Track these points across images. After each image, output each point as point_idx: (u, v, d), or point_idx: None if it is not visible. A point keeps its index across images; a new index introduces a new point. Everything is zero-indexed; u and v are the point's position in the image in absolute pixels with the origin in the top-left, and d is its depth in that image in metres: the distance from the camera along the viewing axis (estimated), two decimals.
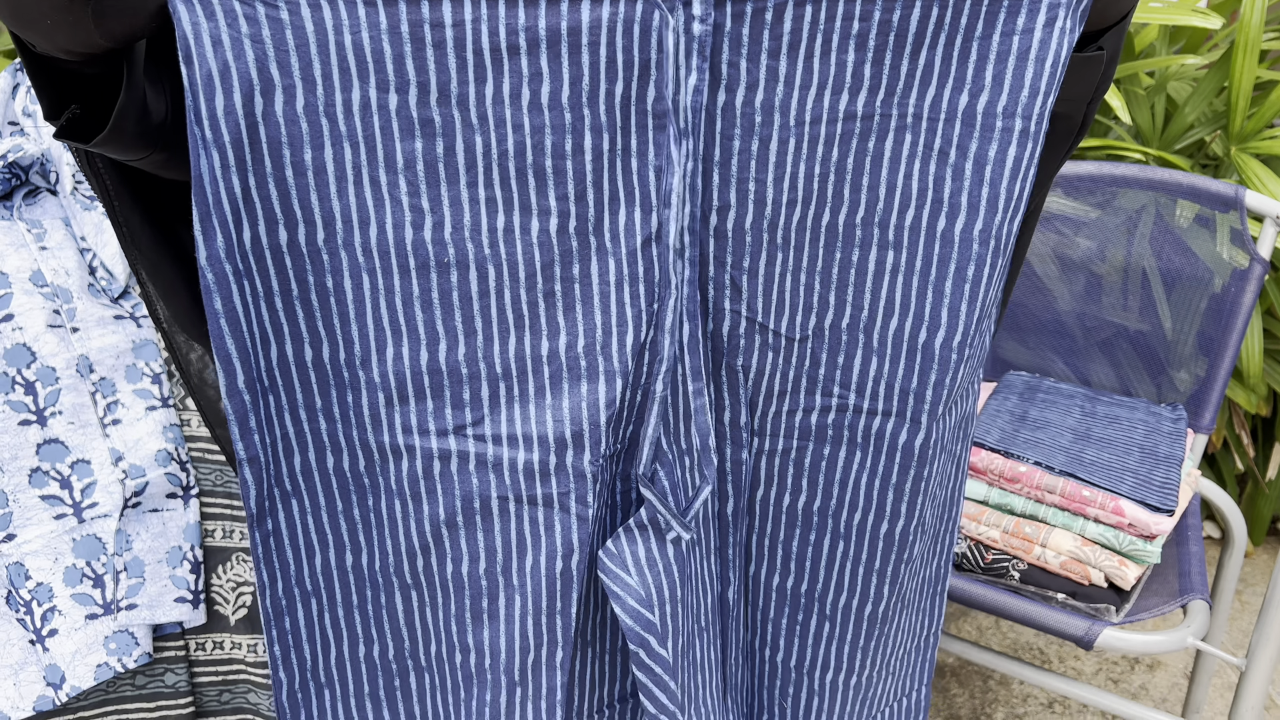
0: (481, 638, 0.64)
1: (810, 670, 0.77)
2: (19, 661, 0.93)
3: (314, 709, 0.67)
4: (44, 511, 0.94)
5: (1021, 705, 1.61)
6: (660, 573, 0.62)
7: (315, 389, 0.58)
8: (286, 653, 0.64)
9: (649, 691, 0.64)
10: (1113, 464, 1.11)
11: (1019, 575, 1.07)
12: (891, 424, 0.66)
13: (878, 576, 0.72)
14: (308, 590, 0.63)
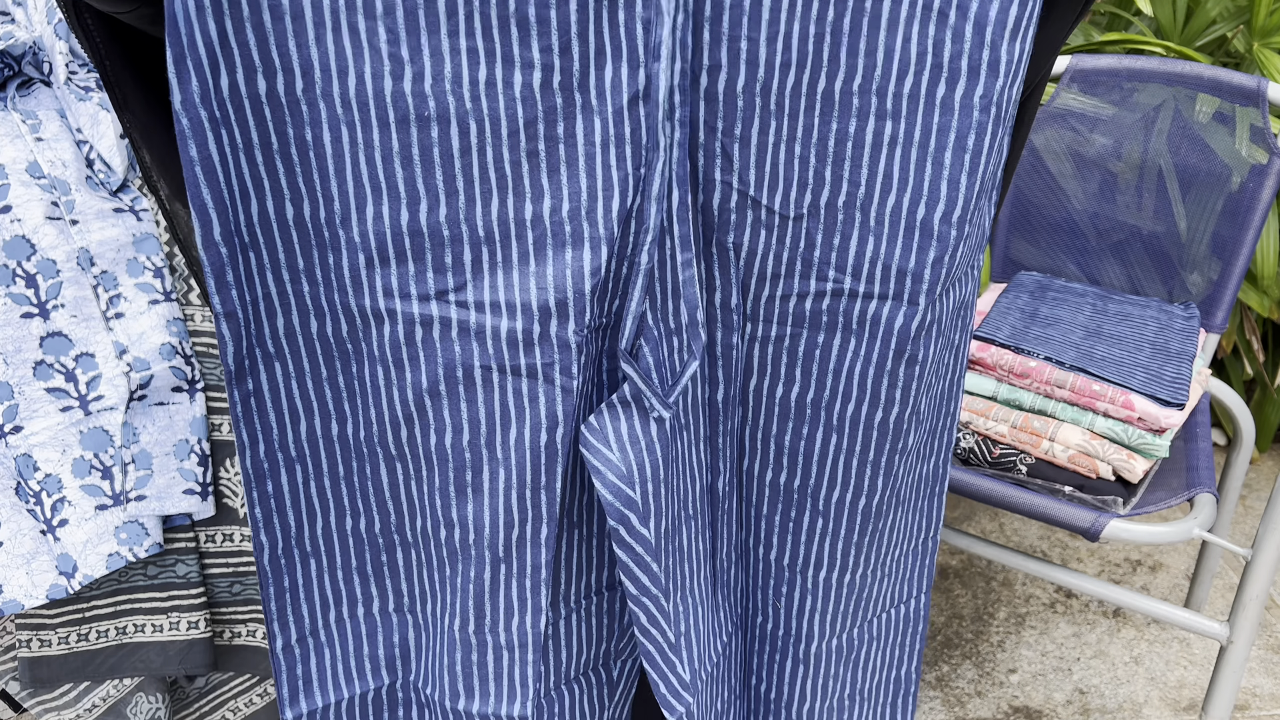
0: (465, 512, 0.63)
1: (804, 568, 0.76)
2: (31, 551, 0.94)
3: (298, 576, 0.67)
4: (50, 404, 0.93)
5: (1024, 605, 1.63)
6: (643, 451, 0.61)
7: (297, 248, 0.57)
8: (269, 516, 0.63)
9: (630, 572, 0.63)
10: (1123, 359, 1.10)
11: (1026, 469, 1.07)
12: (888, 307, 0.64)
13: (871, 468, 0.70)
14: (291, 456, 0.63)
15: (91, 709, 1.03)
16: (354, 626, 0.70)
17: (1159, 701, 1.45)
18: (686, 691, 0.70)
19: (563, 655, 0.74)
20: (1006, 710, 1.43)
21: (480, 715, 0.70)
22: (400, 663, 0.72)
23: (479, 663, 0.68)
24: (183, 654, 1.03)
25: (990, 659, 1.52)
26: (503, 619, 0.66)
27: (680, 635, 0.69)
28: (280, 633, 0.67)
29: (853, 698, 0.86)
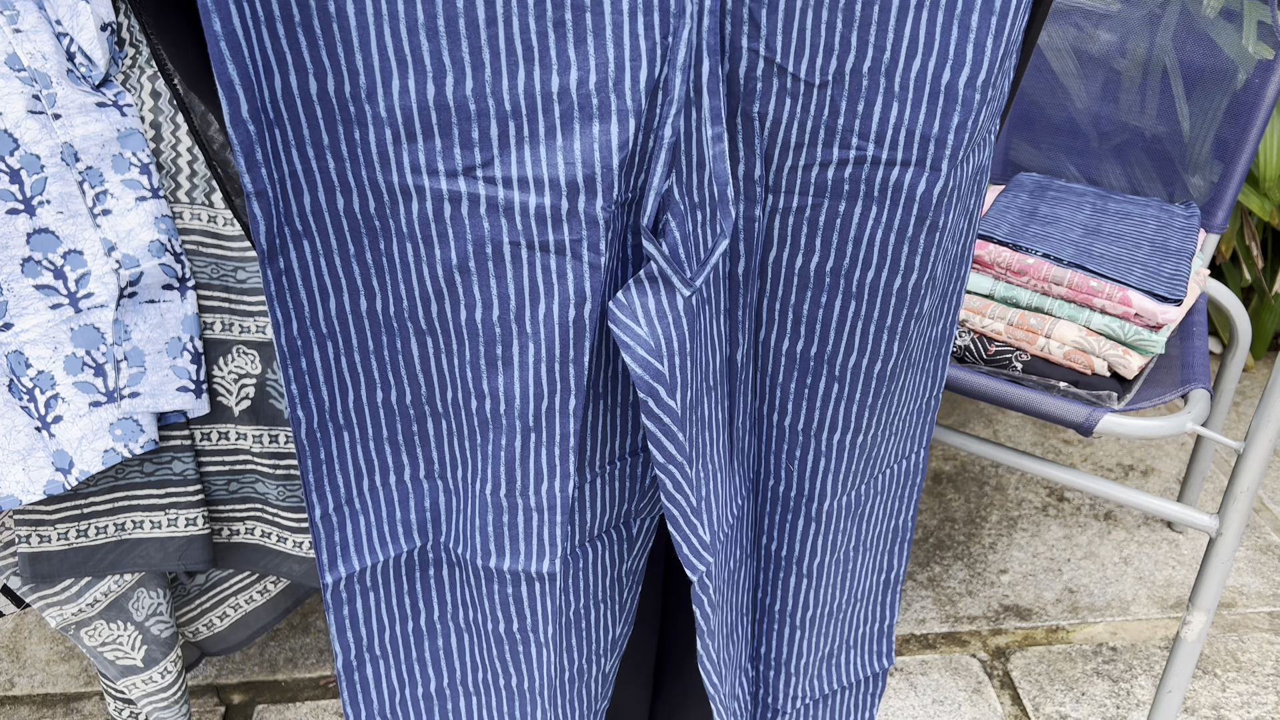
0: (496, 384, 0.64)
1: (818, 432, 0.78)
2: (26, 447, 0.94)
3: (333, 448, 0.68)
4: (39, 301, 0.93)
5: (1016, 509, 1.65)
6: (670, 325, 0.62)
7: (322, 124, 0.56)
8: (304, 392, 0.65)
9: (657, 441, 0.65)
10: (1122, 257, 1.10)
11: (1021, 366, 1.07)
12: (910, 173, 0.64)
13: (888, 334, 0.72)
14: (323, 333, 0.64)
15: (93, 604, 1.04)
16: (386, 494, 0.72)
17: (1147, 600, 1.47)
18: (707, 552, 0.73)
19: (587, 516, 0.77)
20: (997, 609, 1.46)
21: (510, 572, 0.73)
22: (432, 526, 0.75)
23: (509, 524, 0.71)
24: (182, 550, 1.04)
25: (982, 560, 1.54)
26: (532, 484, 0.68)
27: (701, 500, 0.71)
28: (318, 503, 0.70)
29: (856, 549, 0.89)
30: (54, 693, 1.34)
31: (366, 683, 0.81)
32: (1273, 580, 1.49)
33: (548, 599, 0.75)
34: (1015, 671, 1.36)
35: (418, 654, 0.82)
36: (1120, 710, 1.30)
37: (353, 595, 0.76)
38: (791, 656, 0.96)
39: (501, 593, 0.75)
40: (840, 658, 1.00)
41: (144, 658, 1.08)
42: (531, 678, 0.81)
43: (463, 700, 0.86)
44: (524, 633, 0.78)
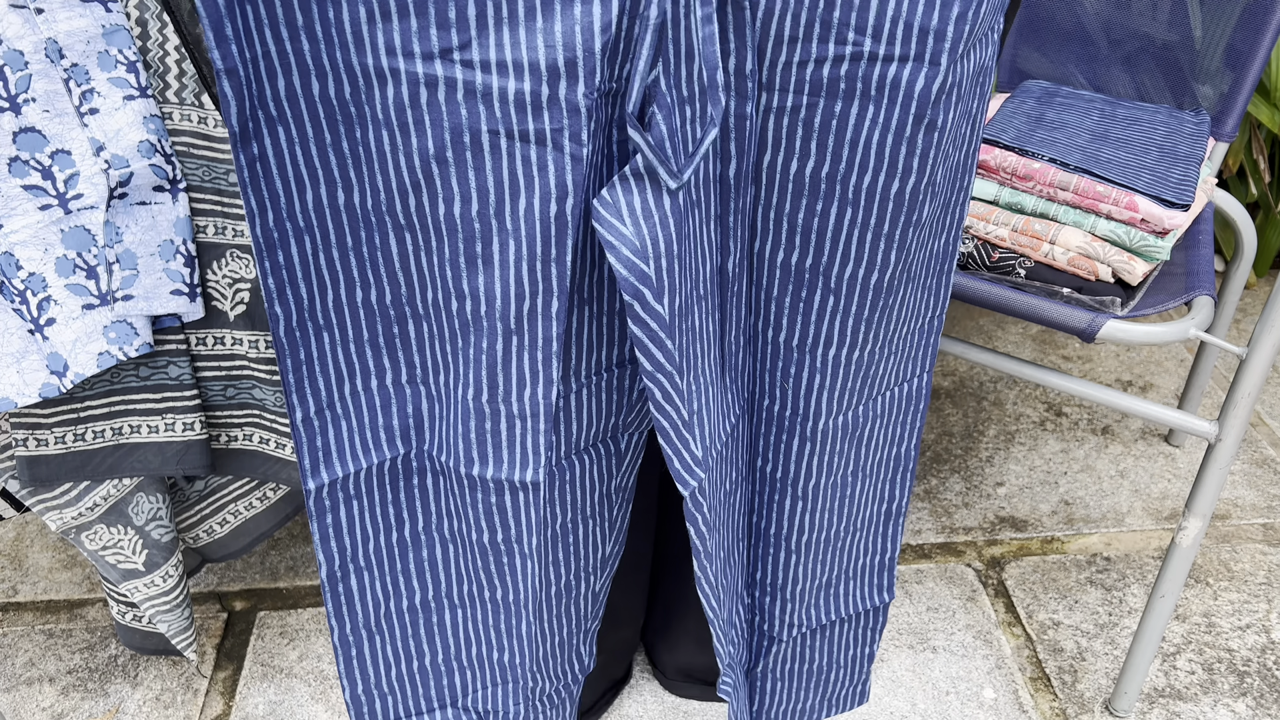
0: (477, 283, 0.63)
1: (812, 348, 0.76)
2: (20, 350, 0.93)
3: (313, 349, 0.67)
4: (28, 202, 0.91)
5: (1014, 424, 1.65)
6: (656, 225, 0.60)
7: (295, 2, 0.54)
8: (281, 288, 0.63)
9: (645, 348, 0.63)
10: (1129, 162, 1.08)
11: (1025, 272, 1.06)
12: (908, 69, 0.62)
13: (885, 242, 0.70)
14: (300, 226, 0.62)
15: (92, 508, 1.04)
16: (369, 399, 0.71)
17: (1141, 511, 1.48)
18: (699, 468, 0.72)
19: (573, 427, 0.76)
20: (992, 520, 1.47)
21: (494, 480, 0.72)
22: (414, 433, 0.74)
23: (492, 431, 0.69)
24: (180, 455, 1.03)
25: (978, 473, 1.55)
26: (515, 389, 0.67)
27: (693, 413, 0.70)
28: (299, 405, 0.69)
29: (855, 474, 0.87)
30: (58, 599, 1.36)
31: (351, 594, 0.81)
32: (1268, 493, 1.50)
33: (532, 509, 0.74)
34: (1009, 580, 1.37)
35: (402, 566, 0.82)
36: (1112, 618, 1.31)
37: (335, 503, 0.75)
38: (787, 582, 0.96)
39: (485, 502, 0.75)
40: (839, 588, 1.00)
41: (145, 562, 1.09)
42: (516, 590, 0.81)
43: (448, 613, 0.86)
44: (508, 544, 0.78)
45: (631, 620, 1.16)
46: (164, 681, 1.25)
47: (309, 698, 1.22)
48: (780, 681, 1.06)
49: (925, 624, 1.30)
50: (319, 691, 1.23)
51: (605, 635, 1.13)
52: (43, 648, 1.29)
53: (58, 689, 1.24)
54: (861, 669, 1.09)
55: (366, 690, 0.86)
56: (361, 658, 0.84)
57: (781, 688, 1.07)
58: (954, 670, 1.24)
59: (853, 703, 1.12)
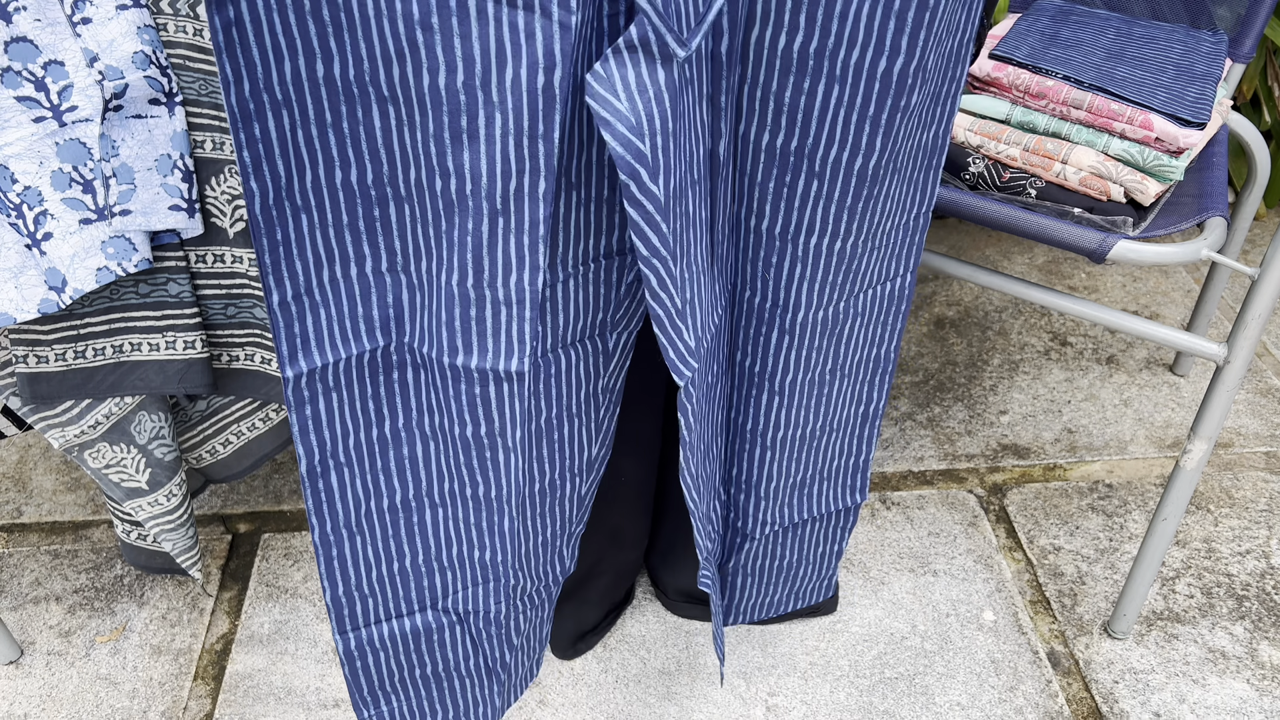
0: (461, 160, 0.61)
1: (795, 235, 0.76)
2: (17, 265, 0.92)
3: (290, 230, 0.66)
4: (21, 114, 0.89)
5: (1018, 353, 1.64)
6: (651, 100, 0.59)
7: None
8: (257, 162, 0.62)
9: (640, 231, 0.63)
10: (1145, 80, 1.05)
11: (1036, 193, 1.04)
12: None
13: (871, 125, 0.70)
14: (278, 99, 0.60)
15: (95, 426, 1.04)
16: (348, 286, 0.70)
17: (1145, 439, 1.48)
18: (692, 357, 0.72)
19: (560, 319, 0.75)
20: (995, 448, 1.47)
21: (478, 370, 0.71)
22: (395, 324, 0.73)
23: (477, 318, 0.68)
24: (181, 373, 1.03)
25: (982, 402, 1.55)
26: (500, 274, 0.66)
27: (686, 302, 0.70)
28: (276, 288, 0.67)
29: (834, 372, 0.88)
30: (62, 520, 1.36)
31: (331, 491, 0.80)
32: (1271, 422, 1.50)
33: (516, 401, 0.73)
34: (1011, 507, 1.37)
35: (383, 463, 0.81)
36: (1113, 543, 1.32)
37: (314, 394, 0.74)
38: (762, 480, 0.96)
39: (469, 393, 0.74)
40: (813, 488, 1.00)
41: (148, 480, 1.09)
42: (500, 485, 0.80)
43: (428, 512, 0.85)
44: (491, 437, 0.77)
45: (635, 543, 1.16)
46: (170, 601, 1.26)
47: (314, 617, 1.23)
48: (750, 577, 1.08)
49: (926, 549, 1.31)
50: (323, 611, 1.24)
51: (610, 558, 1.14)
52: (49, 568, 1.30)
53: (64, 607, 1.25)
54: (829, 565, 1.10)
55: (347, 592, 0.86)
56: (342, 558, 0.84)
57: (751, 583, 1.09)
58: (954, 593, 1.25)
59: (818, 596, 1.14)
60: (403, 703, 0.97)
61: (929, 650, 1.19)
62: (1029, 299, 1.05)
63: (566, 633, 1.17)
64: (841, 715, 1.12)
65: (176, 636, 1.21)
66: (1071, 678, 1.16)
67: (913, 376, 1.59)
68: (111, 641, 1.21)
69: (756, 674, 1.16)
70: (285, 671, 1.17)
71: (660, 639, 1.21)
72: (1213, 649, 1.19)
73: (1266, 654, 1.18)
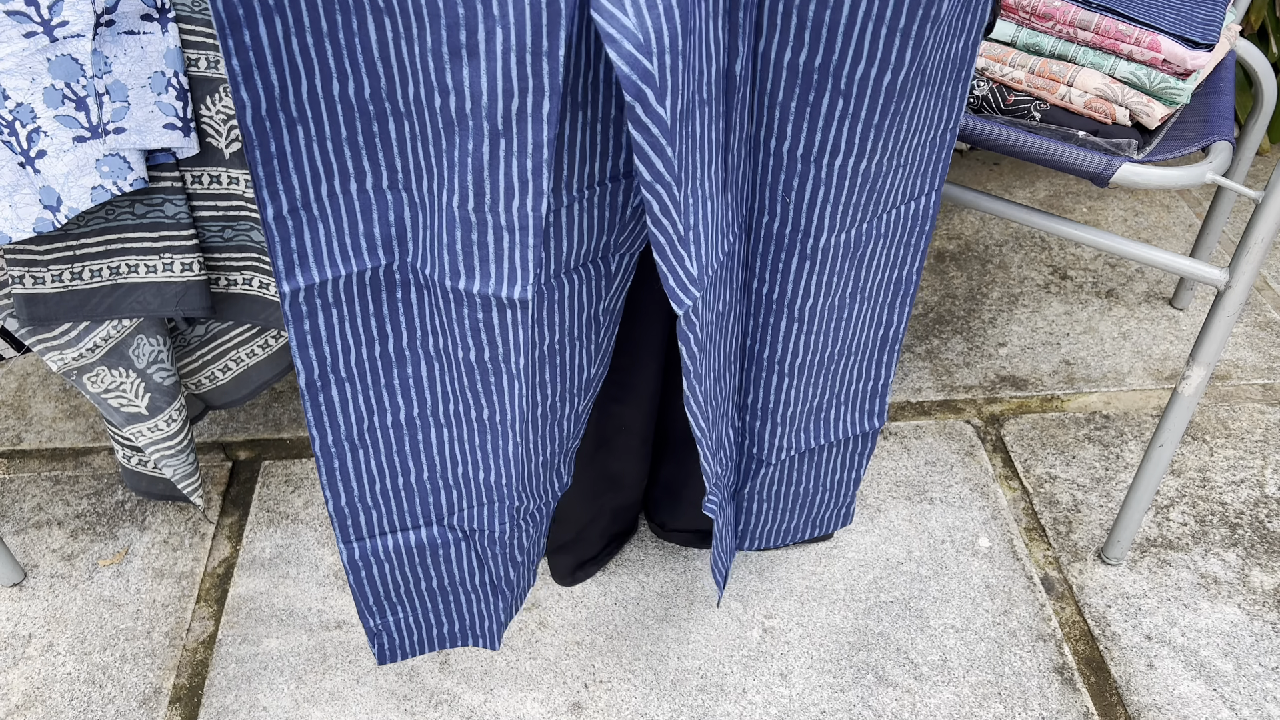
0: (461, 76, 0.59)
1: (818, 157, 0.74)
2: (11, 184, 0.91)
3: (285, 143, 0.64)
4: (11, 29, 0.88)
5: (1018, 286, 1.64)
6: (660, 14, 0.56)
7: None
8: (248, 70, 0.60)
9: (644, 154, 0.61)
10: (1153, 1, 1.04)
11: (1040, 116, 1.03)
12: None
13: (900, 38, 0.67)
14: (269, 5, 0.58)
15: (93, 348, 1.04)
16: (348, 202, 0.68)
17: (1142, 371, 1.48)
18: (694, 286, 0.70)
19: (564, 244, 0.73)
20: (993, 379, 1.47)
21: (480, 295, 0.70)
22: (398, 243, 0.71)
23: (479, 242, 0.67)
24: (179, 296, 1.02)
25: (980, 334, 1.55)
26: (503, 198, 0.64)
27: (689, 229, 0.68)
28: (270, 201, 0.66)
29: (854, 295, 0.86)
30: (62, 447, 1.36)
31: (332, 404, 0.79)
32: (1269, 355, 1.50)
33: (520, 328, 0.72)
34: (1008, 437, 1.38)
35: (385, 381, 0.80)
36: (1109, 472, 1.33)
37: (313, 309, 0.73)
38: (779, 406, 0.95)
39: (472, 318, 0.72)
40: (830, 412, 0.99)
41: (148, 405, 1.09)
42: (503, 410, 0.80)
43: (434, 431, 0.84)
44: (495, 362, 0.76)
45: (634, 485, 1.16)
46: (171, 526, 1.26)
47: (315, 542, 1.24)
48: (766, 503, 1.07)
49: (923, 477, 1.32)
50: (324, 536, 1.25)
51: (609, 499, 1.14)
52: (50, 493, 1.30)
53: (66, 532, 1.26)
54: (847, 492, 1.10)
55: (350, 503, 0.86)
56: (344, 470, 0.84)
57: (767, 509, 1.08)
58: (950, 520, 1.26)
59: (836, 524, 1.14)
60: (408, 613, 0.98)
61: (924, 575, 1.20)
62: (1033, 225, 1.05)
63: (567, 562, 1.17)
64: (837, 637, 1.14)
65: (179, 560, 1.22)
66: (1065, 602, 1.17)
67: (912, 309, 1.59)
68: (114, 565, 1.22)
69: (753, 597, 1.18)
70: (287, 594, 1.18)
71: (658, 563, 1.22)
72: (1205, 575, 1.20)
73: (1258, 580, 1.19)
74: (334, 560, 1.22)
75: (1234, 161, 1.32)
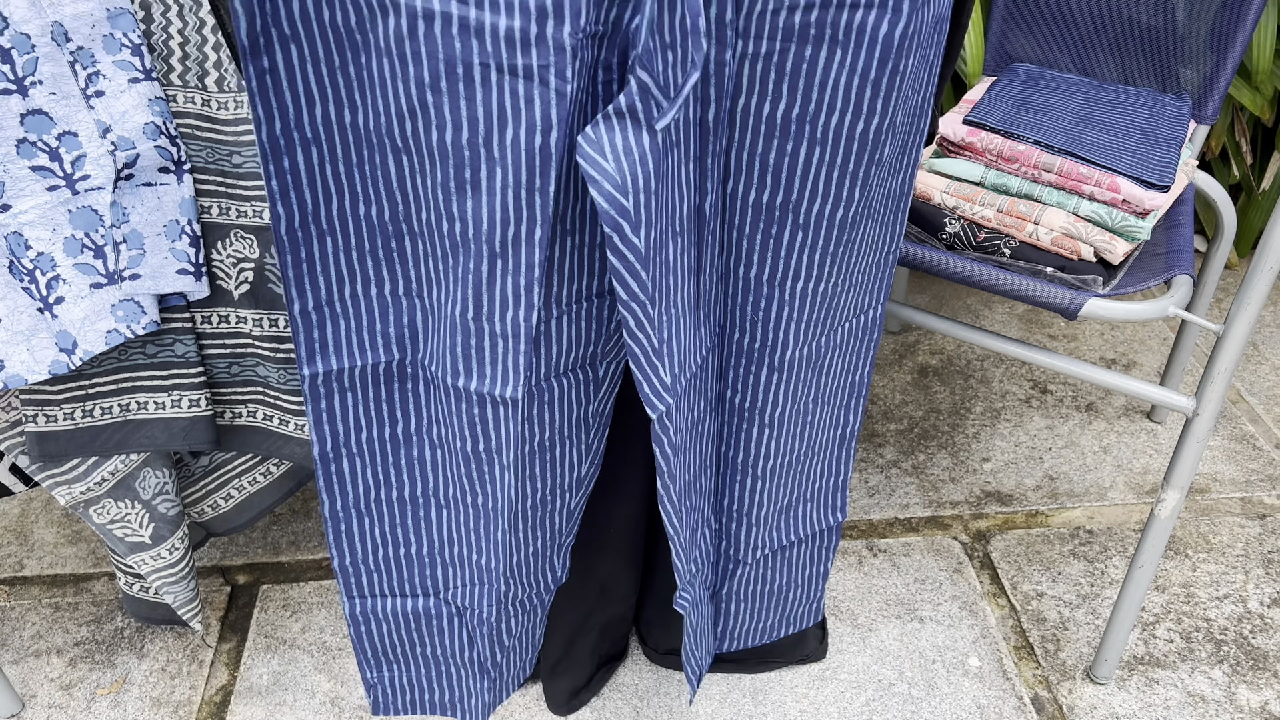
0: (465, 207, 0.68)
1: (781, 282, 0.83)
2: (30, 328, 0.95)
3: (315, 250, 0.74)
4: (36, 183, 0.93)
5: (1000, 401, 1.68)
6: (636, 162, 0.65)
7: None
8: (285, 190, 0.70)
9: (620, 277, 0.69)
10: (1112, 144, 1.10)
11: (1010, 252, 1.09)
12: (873, 15, 0.68)
13: (849, 179, 0.76)
14: (307, 137, 0.68)
15: (100, 482, 1.07)
16: (367, 304, 0.78)
17: (1124, 486, 1.52)
18: (667, 393, 0.78)
19: (553, 351, 0.81)
20: (978, 494, 1.50)
21: (477, 393, 0.79)
22: (409, 342, 0.81)
23: (476, 347, 0.76)
24: (186, 430, 1.06)
25: (965, 449, 1.58)
26: (498, 310, 0.73)
27: (663, 342, 0.76)
28: (298, 298, 0.75)
29: (815, 400, 0.94)
30: (63, 573, 1.38)
31: (343, 475, 0.88)
32: (1246, 468, 1.54)
33: (510, 424, 0.80)
34: (995, 553, 1.41)
35: (394, 459, 0.89)
36: (1094, 588, 1.35)
37: (330, 391, 0.82)
38: (753, 507, 1.02)
39: (469, 413, 0.81)
40: (797, 510, 1.06)
41: (152, 535, 1.12)
42: (495, 498, 0.87)
43: (434, 510, 0.93)
44: (488, 454, 0.84)
45: (624, 597, 1.19)
46: (170, 653, 1.27)
47: (312, 668, 1.25)
48: (744, 602, 1.13)
49: (913, 595, 1.34)
50: (322, 662, 1.26)
51: (599, 611, 1.17)
52: (50, 620, 1.32)
53: (65, 660, 1.26)
54: (817, 587, 1.15)
55: (354, 563, 0.94)
56: (350, 533, 0.92)
57: (745, 608, 1.14)
58: (940, 639, 1.28)
59: (808, 620, 1.18)
60: (403, 673, 1.05)
61: (916, 697, 1.21)
62: (1007, 353, 1.09)
63: (562, 690, 1.19)
64: None
65: (176, 688, 1.23)
66: None
67: (897, 424, 1.63)
68: (112, 694, 1.22)
69: None
70: None
71: (652, 689, 1.23)
72: (1192, 693, 1.22)
73: (1244, 698, 1.21)
74: (331, 687, 1.23)
75: (1200, 285, 1.37)
